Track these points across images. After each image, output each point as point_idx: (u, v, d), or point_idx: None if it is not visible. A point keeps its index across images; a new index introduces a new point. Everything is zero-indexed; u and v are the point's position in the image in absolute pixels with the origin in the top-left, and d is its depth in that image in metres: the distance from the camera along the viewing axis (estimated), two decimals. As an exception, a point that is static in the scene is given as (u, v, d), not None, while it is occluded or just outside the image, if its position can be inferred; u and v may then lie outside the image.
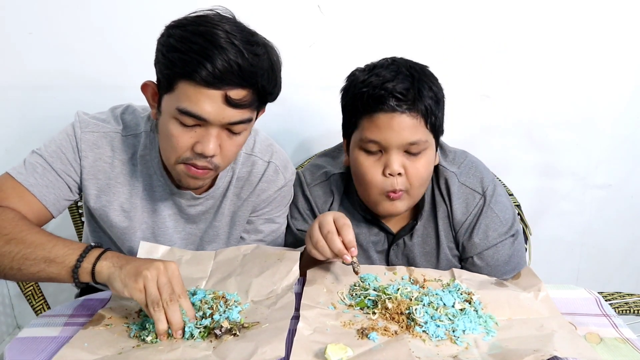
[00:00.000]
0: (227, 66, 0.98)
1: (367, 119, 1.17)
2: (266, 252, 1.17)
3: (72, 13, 1.66)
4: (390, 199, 1.20)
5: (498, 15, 1.75)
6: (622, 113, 1.89)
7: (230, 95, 1.01)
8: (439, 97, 1.20)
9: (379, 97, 1.14)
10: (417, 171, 1.18)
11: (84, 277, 0.97)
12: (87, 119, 1.20)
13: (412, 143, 1.16)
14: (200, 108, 1.01)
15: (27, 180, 1.13)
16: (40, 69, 1.71)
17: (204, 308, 0.99)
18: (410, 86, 1.15)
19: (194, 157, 1.08)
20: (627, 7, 1.76)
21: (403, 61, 1.21)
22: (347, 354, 0.86)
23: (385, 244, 1.34)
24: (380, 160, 1.19)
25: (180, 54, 1.00)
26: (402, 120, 1.14)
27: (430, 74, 1.21)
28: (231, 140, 1.09)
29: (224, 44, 0.99)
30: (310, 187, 1.37)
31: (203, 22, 1.02)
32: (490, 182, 1.30)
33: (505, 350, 0.90)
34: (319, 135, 1.85)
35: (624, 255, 2.11)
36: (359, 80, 1.19)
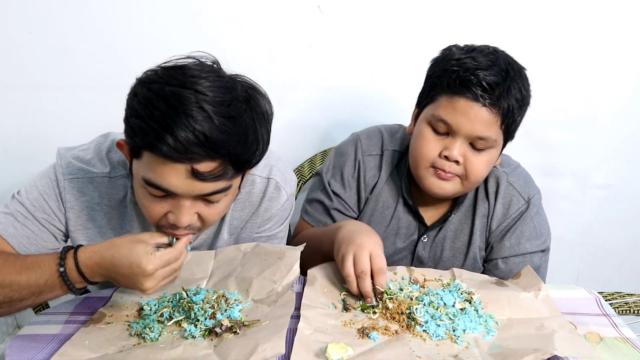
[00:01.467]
0: (192, 138, 0.85)
1: (447, 98, 1.14)
2: (266, 250, 1.17)
3: (72, 13, 1.66)
4: (438, 176, 1.18)
5: (498, 15, 1.74)
6: (622, 113, 1.89)
7: (198, 168, 0.89)
8: (525, 102, 1.17)
9: (467, 81, 1.11)
10: (475, 166, 1.17)
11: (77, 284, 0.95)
12: (70, 161, 1.11)
13: (480, 137, 1.13)
14: (165, 181, 0.91)
15: (6, 231, 1.05)
16: (40, 69, 1.71)
17: (206, 307, 0.98)
18: (501, 81, 1.11)
19: (169, 225, 0.98)
20: (627, 7, 1.76)
21: (504, 55, 1.17)
22: (347, 354, 0.86)
23: (416, 234, 1.33)
24: (443, 141, 1.17)
25: (141, 121, 0.88)
26: (480, 112, 1.11)
27: (525, 77, 1.18)
28: (209, 208, 0.99)
29: (190, 109, 0.86)
30: (365, 156, 1.34)
31: (172, 79, 0.89)
32: (536, 193, 1.30)
33: (505, 350, 0.90)
34: (319, 135, 1.85)
35: (624, 255, 2.11)
36: (454, 57, 1.16)
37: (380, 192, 1.34)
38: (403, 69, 1.78)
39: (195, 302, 1.00)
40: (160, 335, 0.94)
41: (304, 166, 1.75)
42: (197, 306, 0.98)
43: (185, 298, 1.01)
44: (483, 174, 1.20)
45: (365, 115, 1.82)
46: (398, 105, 1.79)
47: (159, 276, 0.93)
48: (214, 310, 0.98)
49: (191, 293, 1.03)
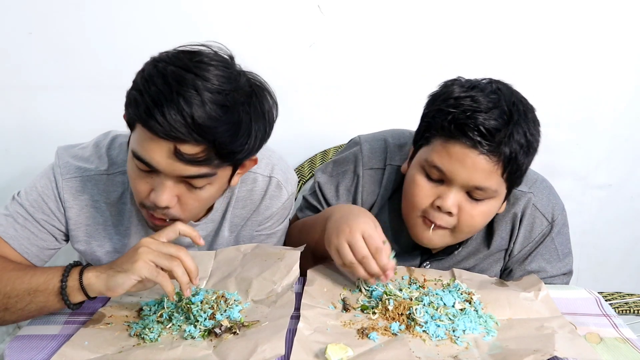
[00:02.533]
0: (179, 118, 0.87)
1: (442, 142, 1.04)
2: (266, 251, 1.17)
3: (72, 13, 1.66)
4: (427, 225, 1.09)
5: (498, 15, 1.74)
6: (623, 113, 1.89)
7: (181, 149, 0.90)
8: (531, 147, 1.04)
9: (463, 125, 1.00)
10: (470, 218, 1.07)
11: (75, 296, 0.92)
12: (68, 160, 1.12)
13: (478, 188, 1.03)
14: (149, 156, 0.93)
15: (7, 233, 1.06)
16: (41, 69, 1.71)
17: (205, 308, 0.98)
18: (502, 126, 0.99)
19: (151, 206, 0.99)
20: (627, 7, 1.76)
21: (508, 93, 1.05)
22: (347, 354, 0.86)
23: (418, 260, 1.25)
24: (437, 189, 1.07)
25: (138, 94, 0.91)
26: (478, 160, 1.00)
27: (533, 119, 1.05)
28: (192, 194, 0.99)
29: (185, 90, 0.88)
30: (365, 170, 1.24)
31: (178, 61, 0.92)
32: (561, 211, 1.20)
33: (505, 350, 0.90)
34: (319, 135, 1.85)
35: (624, 255, 2.11)
36: (453, 95, 1.04)
37: (381, 211, 1.24)
38: (403, 69, 1.78)
39: (194, 302, 1.00)
40: (159, 335, 0.94)
41: (304, 166, 1.75)
42: (196, 307, 0.98)
43: (185, 299, 1.01)
44: (478, 226, 1.11)
45: (365, 116, 1.82)
46: (398, 105, 1.80)
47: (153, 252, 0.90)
48: (214, 310, 0.98)
49: (193, 292, 1.03)
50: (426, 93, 1.60)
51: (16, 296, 0.94)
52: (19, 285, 0.94)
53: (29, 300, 0.94)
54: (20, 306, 0.94)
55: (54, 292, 0.92)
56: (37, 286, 0.93)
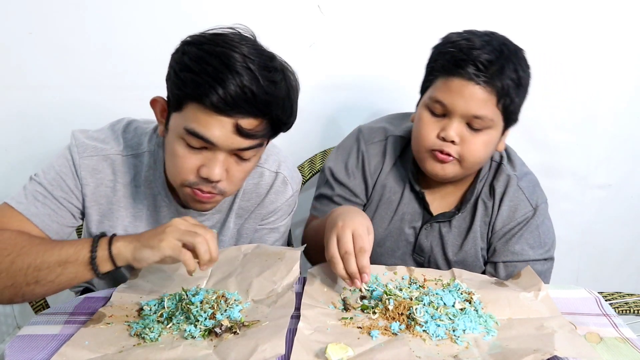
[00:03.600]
0: (241, 93, 0.93)
1: (443, 79, 1.15)
2: (267, 251, 1.17)
3: (72, 13, 1.66)
4: (437, 159, 1.19)
5: (498, 15, 1.75)
6: (623, 113, 1.89)
7: (242, 124, 0.96)
8: (522, 82, 1.16)
9: (460, 60, 1.12)
10: (473, 146, 1.16)
11: (104, 266, 0.95)
12: (84, 141, 1.15)
13: (476, 116, 1.13)
14: (209, 132, 0.97)
15: (29, 210, 1.08)
16: (40, 69, 1.71)
17: (206, 308, 0.98)
18: (494, 59, 1.11)
19: (199, 181, 1.03)
20: (627, 7, 1.76)
21: (500, 36, 1.17)
22: (347, 354, 0.86)
23: (420, 222, 1.33)
24: (441, 122, 1.17)
25: (192, 74, 0.95)
26: (474, 90, 1.12)
27: (522, 57, 1.18)
28: (239, 166, 1.05)
29: (239, 68, 0.93)
30: (368, 145, 1.35)
31: (221, 42, 0.97)
32: (544, 202, 1.29)
33: (505, 350, 0.90)
34: (319, 135, 1.85)
35: (624, 255, 2.11)
36: (451, 40, 1.17)
37: (387, 178, 1.34)
38: (403, 69, 1.78)
39: (194, 303, 1.00)
40: (160, 335, 0.94)
41: (304, 166, 1.75)
42: (195, 308, 0.98)
43: (185, 299, 1.01)
44: (481, 155, 1.19)
45: (366, 115, 1.82)
46: (398, 105, 1.79)
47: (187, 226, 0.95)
48: (214, 310, 0.98)
49: (190, 293, 1.03)
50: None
51: (47, 268, 0.96)
52: (49, 257, 0.96)
53: (60, 272, 0.96)
54: (51, 278, 0.96)
55: (84, 262, 0.95)
56: (67, 257, 0.95)
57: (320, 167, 1.74)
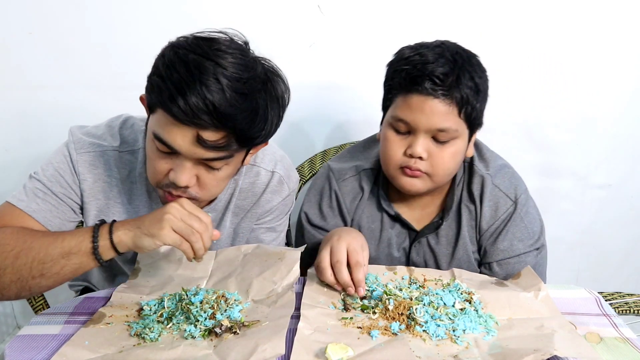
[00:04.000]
0: (202, 105, 0.91)
1: (402, 97, 1.16)
2: (267, 251, 1.17)
3: (72, 13, 1.66)
4: (407, 174, 1.19)
5: (498, 15, 1.75)
6: (623, 113, 1.89)
7: (203, 135, 0.95)
8: (480, 88, 1.16)
9: (416, 77, 1.12)
10: (441, 159, 1.17)
11: (107, 254, 0.97)
12: (81, 137, 1.15)
13: (440, 130, 1.14)
14: (172, 139, 0.97)
15: (29, 207, 1.09)
16: (40, 69, 1.71)
17: (206, 308, 0.98)
18: (449, 71, 1.11)
19: (170, 184, 1.03)
20: (627, 6, 1.76)
21: (452, 45, 1.18)
22: (347, 354, 0.86)
23: (407, 242, 1.33)
24: (406, 140, 1.18)
25: (160, 80, 0.94)
26: (434, 104, 1.12)
27: (477, 63, 1.18)
28: (210, 174, 1.04)
29: (206, 78, 0.91)
30: (340, 182, 1.34)
31: (198, 49, 0.95)
32: (523, 192, 1.29)
33: (505, 350, 0.90)
34: (319, 135, 1.85)
35: (624, 255, 2.11)
36: (403, 56, 1.17)
37: (364, 209, 1.34)
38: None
39: (194, 303, 1.00)
40: (160, 335, 0.94)
41: (304, 166, 1.75)
42: (195, 308, 0.98)
43: (185, 299, 1.01)
44: (450, 167, 1.19)
45: (366, 115, 1.82)
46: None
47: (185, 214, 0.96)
48: (214, 310, 0.98)
49: (191, 293, 1.03)
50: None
51: (51, 261, 0.97)
52: (52, 250, 0.97)
53: (64, 264, 0.97)
54: (55, 270, 0.97)
55: (87, 252, 0.97)
56: (69, 249, 0.97)
57: (320, 167, 1.74)
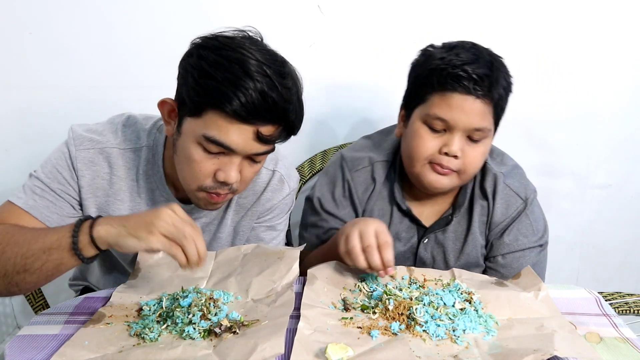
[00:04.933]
0: (262, 100, 0.94)
1: (440, 96, 1.16)
2: (266, 251, 1.17)
3: (72, 13, 1.66)
4: (436, 171, 1.20)
5: (498, 15, 1.75)
6: (622, 113, 1.89)
7: (262, 131, 0.98)
8: (509, 89, 1.21)
9: (457, 76, 1.13)
10: (474, 158, 1.19)
11: (87, 250, 0.93)
12: (81, 133, 1.15)
13: (477, 129, 1.16)
14: (229, 139, 0.99)
15: (27, 204, 1.09)
16: (40, 69, 1.71)
17: (194, 311, 0.97)
18: (489, 72, 1.14)
19: (216, 185, 1.05)
20: (627, 6, 1.76)
21: (484, 48, 1.20)
22: (347, 354, 0.86)
23: (415, 238, 1.34)
24: (442, 137, 1.19)
25: (214, 82, 0.95)
26: (474, 104, 1.14)
27: (505, 65, 1.21)
28: (251, 167, 1.07)
29: (256, 75, 0.94)
30: (352, 173, 1.35)
31: (237, 47, 0.97)
32: (532, 192, 1.33)
33: (505, 350, 0.90)
34: (319, 135, 1.85)
35: (624, 255, 2.11)
36: (437, 56, 1.18)
37: (375, 202, 1.35)
38: (403, 69, 1.78)
39: (182, 306, 0.99)
40: (159, 335, 0.94)
41: (304, 166, 1.75)
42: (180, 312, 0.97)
43: (178, 298, 1.01)
44: (479, 165, 1.23)
45: (366, 115, 1.83)
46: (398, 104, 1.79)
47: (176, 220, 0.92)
48: (204, 313, 0.97)
49: (183, 295, 1.02)
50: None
51: (32, 255, 0.95)
52: (34, 244, 0.95)
53: (45, 259, 0.94)
54: (37, 265, 0.95)
55: (67, 248, 0.93)
56: (50, 244, 0.94)
57: (320, 167, 1.74)
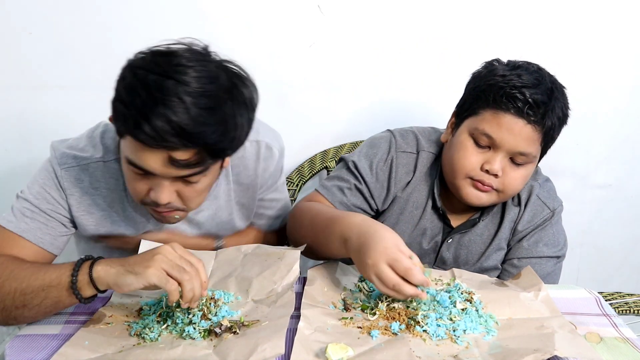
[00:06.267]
0: (168, 128, 0.89)
1: (492, 112, 1.16)
2: (267, 251, 1.17)
3: (72, 13, 1.66)
4: (475, 187, 1.20)
5: (498, 15, 1.75)
6: (622, 113, 1.89)
7: (175, 156, 0.93)
8: (564, 120, 1.20)
9: (514, 97, 1.12)
10: (513, 180, 1.19)
11: (85, 290, 0.94)
12: (63, 151, 1.15)
13: (522, 153, 1.16)
14: (145, 163, 0.96)
15: (19, 227, 1.10)
16: (40, 69, 1.70)
17: (194, 311, 0.97)
18: (547, 100, 1.13)
19: (152, 202, 1.04)
20: (627, 6, 1.76)
21: (548, 74, 1.20)
22: (347, 354, 0.86)
23: (440, 236, 1.34)
24: (485, 154, 1.18)
25: (123, 107, 0.93)
26: (525, 129, 1.13)
27: (566, 97, 1.20)
28: (190, 187, 1.03)
29: (168, 100, 0.89)
30: (399, 152, 1.33)
31: (157, 67, 0.92)
32: (559, 205, 1.34)
33: (505, 350, 0.90)
34: (319, 135, 1.85)
35: (624, 255, 2.11)
36: (499, 72, 1.17)
37: (413, 191, 1.33)
38: (403, 69, 1.78)
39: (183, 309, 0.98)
40: (160, 335, 0.94)
41: (304, 166, 1.75)
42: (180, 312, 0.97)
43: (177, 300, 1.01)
44: (519, 188, 1.23)
45: (366, 115, 1.82)
46: (398, 104, 1.80)
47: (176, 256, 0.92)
48: (204, 313, 0.98)
49: None
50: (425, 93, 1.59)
51: (31, 292, 0.95)
52: (34, 281, 0.96)
53: (44, 296, 0.95)
54: (36, 302, 0.95)
55: (66, 286, 0.94)
56: (50, 282, 0.95)
57: (321, 167, 1.74)
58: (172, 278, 0.90)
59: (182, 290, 0.90)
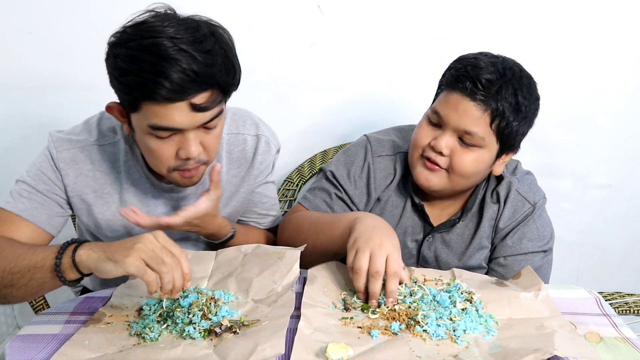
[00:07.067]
0: (184, 77, 0.96)
1: (445, 93, 1.21)
2: (267, 251, 1.17)
3: (72, 13, 1.66)
4: (425, 166, 1.23)
5: (498, 15, 1.75)
6: (622, 113, 1.89)
7: (196, 102, 1.00)
8: (522, 108, 1.17)
9: (461, 76, 1.16)
10: (461, 160, 1.19)
11: (69, 273, 0.94)
12: (60, 136, 1.20)
13: (467, 132, 1.17)
14: (171, 121, 1.01)
15: (16, 207, 1.14)
16: (40, 69, 1.71)
17: (194, 311, 0.98)
18: (494, 80, 1.14)
19: (182, 163, 1.08)
20: (627, 6, 1.76)
21: (510, 61, 1.21)
22: (347, 353, 0.86)
23: (421, 234, 1.35)
24: (435, 132, 1.21)
25: (133, 76, 0.97)
26: (468, 106, 1.16)
27: (528, 85, 1.19)
28: (210, 135, 1.09)
29: (173, 53, 0.95)
30: (375, 157, 1.35)
31: (144, 33, 0.97)
32: (541, 198, 1.33)
33: (505, 350, 0.90)
34: (319, 135, 1.85)
35: (624, 255, 2.11)
36: (462, 58, 1.22)
37: (392, 193, 1.35)
38: (403, 69, 1.78)
39: (182, 306, 0.99)
40: (160, 335, 0.94)
41: (304, 166, 1.75)
42: (180, 312, 0.97)
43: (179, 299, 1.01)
44: (469, 171, 1.21)
45: (366, 115, 1.83)
46: (398, 104, 1.80)
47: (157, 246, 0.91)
48: (204, 312, 0.98)
49: (183, 296, 1.02)
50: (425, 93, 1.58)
51: (18, 272, 0.98)
52: (21, 262, 0.98)
53: (30, 277, 0.97)
54: (22, 282, 0.98)
55: (50, 269, 0.95)
56: (35, 263, 0.97)
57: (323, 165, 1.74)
58: (150, 269, 0.89)
59: (161, 282, 0.90)
